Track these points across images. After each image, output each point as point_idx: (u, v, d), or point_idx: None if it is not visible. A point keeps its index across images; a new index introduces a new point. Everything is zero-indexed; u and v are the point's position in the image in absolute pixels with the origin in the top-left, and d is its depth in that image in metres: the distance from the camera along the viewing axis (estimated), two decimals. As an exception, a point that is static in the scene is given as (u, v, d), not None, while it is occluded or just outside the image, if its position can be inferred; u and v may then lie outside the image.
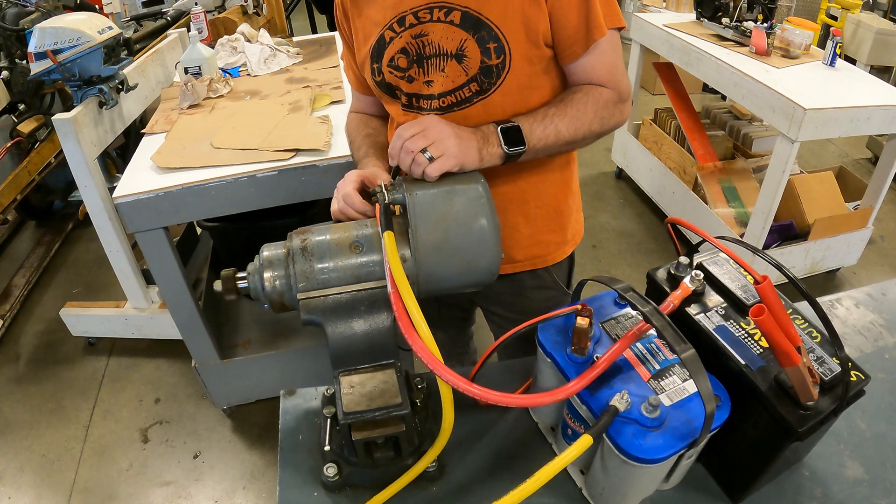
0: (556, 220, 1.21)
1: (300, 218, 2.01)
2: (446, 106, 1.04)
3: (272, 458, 2.10)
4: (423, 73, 1.03)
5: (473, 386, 0.65)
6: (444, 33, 0.99)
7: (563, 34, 0.99)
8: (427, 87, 1.04)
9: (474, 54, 0.98)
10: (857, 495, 0.83)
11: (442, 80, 1.02)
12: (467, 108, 1.03)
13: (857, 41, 4.08)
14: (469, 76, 1.00)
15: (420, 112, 1.07)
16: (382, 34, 1.03)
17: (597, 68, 1.02)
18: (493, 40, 0.97)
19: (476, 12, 0.96)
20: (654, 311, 0.70)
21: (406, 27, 1.01)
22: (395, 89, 1.07)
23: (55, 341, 2.62)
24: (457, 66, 1.00)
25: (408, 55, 1.02)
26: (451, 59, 1.00)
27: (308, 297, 0.76)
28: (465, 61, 0.99)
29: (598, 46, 1.00)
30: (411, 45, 1.01)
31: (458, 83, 1.01)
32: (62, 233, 3.17)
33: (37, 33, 1.76)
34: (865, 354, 1.06)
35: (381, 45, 1.04)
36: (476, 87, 1.01)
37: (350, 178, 0.94)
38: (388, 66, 1.05)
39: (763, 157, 2.93)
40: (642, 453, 0.69)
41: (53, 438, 2.21)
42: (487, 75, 1.00)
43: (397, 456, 0.82)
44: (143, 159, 1.67)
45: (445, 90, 1.03)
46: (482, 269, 0.79)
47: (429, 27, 0.99)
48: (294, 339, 2.14)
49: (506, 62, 0.99)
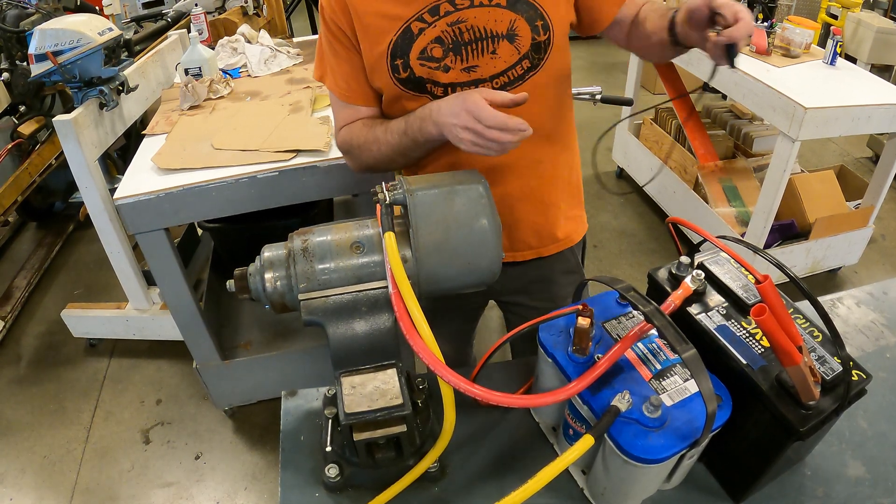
0: (578, 194, 1.29)
1: (301, 219, 2.01)
2: (499, 87, 1.05)
3: (273, 458, 2.10)
4: (462, 59, 1.03)
5: (475, 386, 0.65)
6: (490, 16, 1.00)
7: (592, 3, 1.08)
8: (468, 73, 1.04)
9: (525, 32, 1.02)
10: (858, 495, 0.83)
11: (493, 62, 1.03)
12: (519, 86, 1.06)
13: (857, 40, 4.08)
14: (521, 54, 1.04)
15: None
16: (408, 27, 1.01)
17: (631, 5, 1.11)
18: (539, 18, 1.02)
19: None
20: (655, 311, 0.70)
21: (441, 15, 1.00)
22: (428, 82, 1.05)
23: (56, 343, 2.62)
24: (509, 45, 1.02)
25: (443, 44, 1.01)
26: (502, 40, 1.02)
27: (309, 297, 0.76)
28: (518, 40, 1.02)
29: None
30: (447, 34, 1.01)
31: (511, 62, 1.04)
32: (63, 234, 3.17)
33: (37, 35, 1.77)
34: (867, 354, 1.06)
35: (408, 39, 1.02)
36: (528, 63, 1.05)
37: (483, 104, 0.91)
38: (418, 58, 1.03)
39: (764, 156, 2.93)
40: (644, 453, 0.69)
41: (55, 440, 2.21)
42: (537, 51, 1.04)
43: (399, 456, 0.82)
44: (144, 160, 1.67)
45: (498, 71, 1.04)
46: (483, 269, 0.79)
47: (467, 13, 1.00)
48: (295, 339, 2.14)
49: (550, 38, 1.04)
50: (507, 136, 0.90)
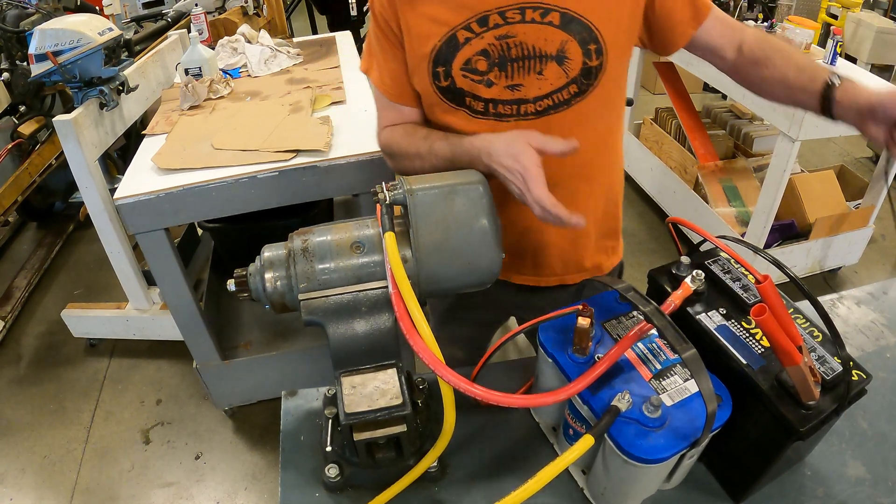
0: (614, 224, 1.22)
1: (301, 219, 2.01)
2: (542, 110, 0.99)
3: (274, 458, 2.11)
4: (507, 76, 0.97)
5: (475, 386, 0.65)
6: (541, 34, 0.94)
7: (667, 23, 0.99)
8: (511, 91, 0.98)
9: (576, 55, 0.95)
10: (859, 494, 0.83)
11: (539, 83, 0.97)
12: (564, 111, 1.00)
13: (857, 40, 4.08)
14: (569, 78, 0.97)
15: (499, 120, 1.01)
16: (454, 35, 0.95)
17: (730, 26, 1.02)
18: (594, 41, 0.95)
19: (576, 13, 0.93)
20: (655, 311, 0.70)
21: (489, 27, 0.94)
22: (468, 95, 1.00)
23: (56, 343, 2.62)
24: (557, 67, 0.96)
25: (489, 57, 0.96)
26: (550, 62, 0.95)
27: (309, 297, 0.76)
28: (567, 63, 0.96)
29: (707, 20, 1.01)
30: (494, 47, 0.95)
31: (558, 85, 0.97)
32: (63, 234, 3.17)
33: (37, 35, 1.77)
34: (867, 353, 1.06)
35: (452, 47, 0.96)
36: (575, 88, 0.98)
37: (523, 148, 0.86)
38: (461, 69, 0.97)
39: (764, 156, 2.93)
40: (644, 453, 0.69)
41: (55, 440, 2.21)
42: (587, 76, 0.97)
43: (399, 456, 0.82)
44: (144, 160, 1.67)
45: (542, 93, 0.98)
46: (483, 269, 0.79)
47: (518, 28, 0.94)
48: (295, 339, 2.14)
49: (603, 63, 0.97)
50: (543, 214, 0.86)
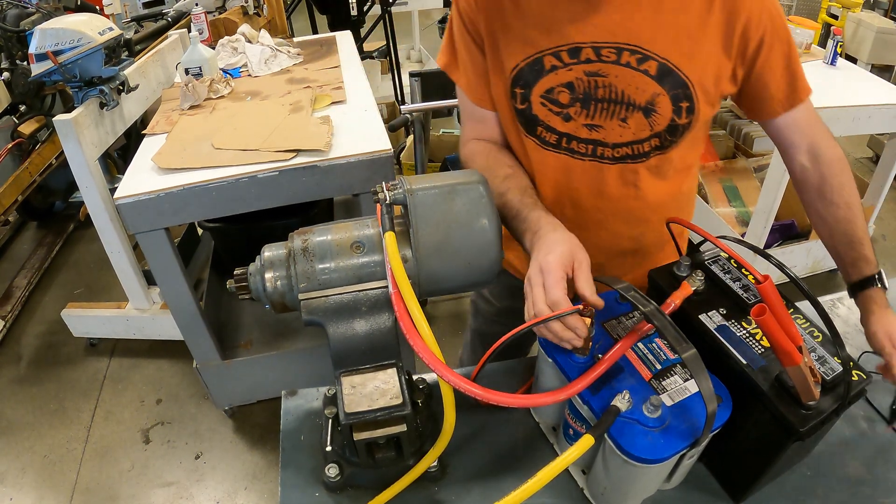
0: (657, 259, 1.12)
1: (301, 218, 2.01)
2: (619, 157, 0.95)
3: (274, 458, 2.10)
4: (588, 115, 0.92)
5: (475, 386, 0.65)
6: (633, 81, 0.88)
7: (763, 93, 0.93)
8: (589, 131, 0.93)
9: (665, 111, 0.90)
10: (858, 495, 0.83)
11: (620, 131, 0.92)
12: (641, 163, 0.95)
13: (857, 40, 4.08)
14: (654, 132, 0.92)
15: (572, 156, 0.96)
16: (541, 59, 0.90)
17: (812, 125, 0.97)
18: (687, 99, 0.89)
19: (675, 66, 0.87)
20: (655, 311, 0.70)
21: (580, 61, 0.89)
22: (541, 125, 0.95)
23: (57, 342, 2.62)
24: (643, 119, 0.91)
25: (573, 91, 0.91)
26: (637, 111, 0.90)
27: (309, 297, 0.76)
28: (654, 116, 0.90)
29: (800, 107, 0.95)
30: (581, 82, 0.90)
31: (640, 137, 0.93)
32: (63, 234, 3.17)
33: (38, 34, 1.77)
34: (867, 354, 1.06)
35: (536, 71, 0.91)
36: (657, 142, 0.93)
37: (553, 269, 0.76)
38: (541, 97, 0.93)
39: (764, 156, 2.93)
40: (644, 453, 0.69)
41: (55, 439, 2.21)
42: (672, 133, 0.92)
43: (399, 456, 0.82)
44: (144, 160, 1.67)
45: (623, 141, 0.93)
46: (483, 269, 0.79)
47: (611, 69, 0.88)
48: (295, 339, 2.14)
49: (692, 122, 0.91)
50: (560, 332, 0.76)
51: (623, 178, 0.97)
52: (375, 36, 3.83)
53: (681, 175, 1.02)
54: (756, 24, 0.87)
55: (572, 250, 0.78)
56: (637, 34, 0.86)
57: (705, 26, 0.86)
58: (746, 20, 0.86)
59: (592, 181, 0.98)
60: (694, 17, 0.86)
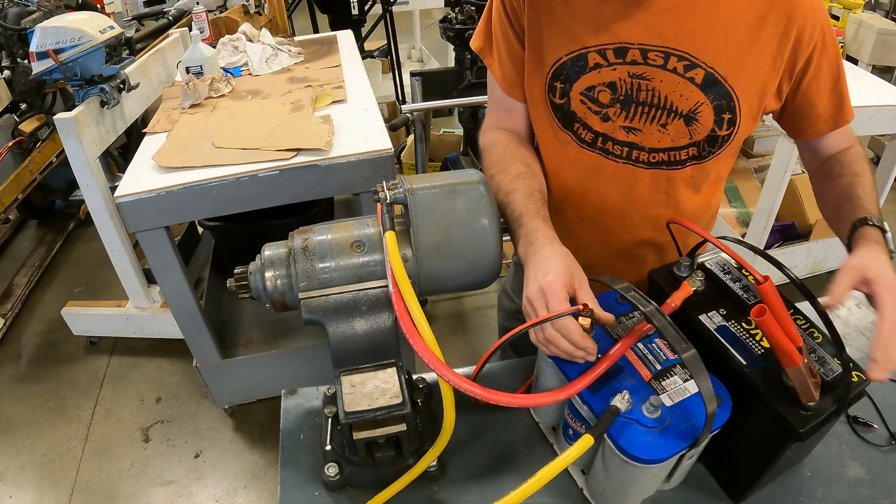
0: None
1: (301, 217, 2.01)
2: (655, 162, 0.93)
3: (273, 457, 2.11)
4: (627, 117, 0.90)
5: (475, 386, 0.65)
6: (677, 88, 0.86)
7: (809, 111, 0.91)
8: (626, 133, 0.92)
9: (707, 121, 0.88)
10: (858, 496, 0.83)
11: (658, 136, 0.91)
12: (676, 171, 0.94)
13: (858, 41, 4.08)
14: (692, 140, 0.90)
15: (606, 156, 0.95)
16: (585, 55, 0.89)
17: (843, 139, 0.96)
18: (730, 111, 0.87)
19: (722, 77, 0.85)
20: (655, 312, 0.70)
21: (626, 62, 0.87)
22: (578, 122, 0.94)
23: (57, 340, 2.62)
24: (683, 127, 0.89)
25: (614, 91, 0.89)
26: (678, 119, 0.89)
27: (309, 296, 0.76)
28: (695, 125, 0.89)
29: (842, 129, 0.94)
30: (624, 83, 0.88)
31: (679, 144, 0.91)
32: (63, 232, 3.18)
33: (38, 33, 1.77)
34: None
35: (579, 68, 0.90)
36: (695, 151, 0.92)
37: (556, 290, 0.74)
38: (581, 94, 0.91)
39: (765, 156, 2.93)
40: (643, 453, 0.69)
41: (55, 437, 2.21)
42: (711, 144, 0.91)
43: (398, 455, 0.82)
44: (145, 159, 1.67)
45: (661, 147, 0.92)
46: (484, 269, 0.79)
47: (655, 72, 0.86)
48: (295, 338, 2.14)
49: (732, 134, 0.90)
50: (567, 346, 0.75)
51: (655, 185, 0.96)
52: (376, 35, 3.83)
53: (712, 187, 1.01)
54: (808, 41, 0.84)
55: (570, 269, 0.77)
56: (687, 40, 0.84)
57: (757, 39, 0.84)
58: (798, 35, 0.84)
59: (623, 184, 0.98)
60: (747, 27, 0.83)
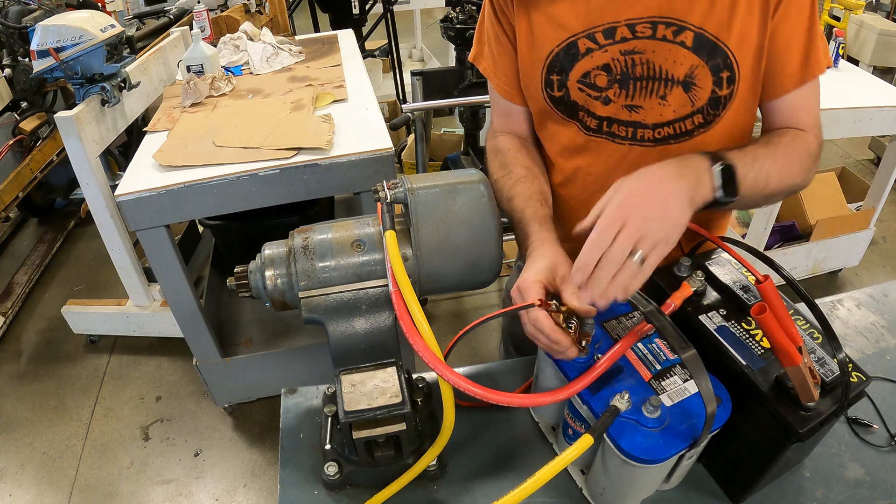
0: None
1: (302, 216, 2.01)
2: (661, 138, 0.91)
3: (273, 456, 2.11)
4: (627, 95, 0.89)
5: (475, 385, 0.65)
6: (669, 55, 0.85)
7: (775, 61, 0.86)
8: (630, 112, 0.90)
9: (705, 83, 0.86)
10: (857, 497, 0.83)
11: (660, 109, 0.89)
12: (685, 142, 0.91)
13: (859, 42, 4.08)
14: (695, 107, 0.88)
15: (613, 140, 0.93)
16: (575, 42, 0.88)
17: (801, 111, 0.89)
18: (727, 68, 0.84)
19: (712, 35, 0.83)
20: (655, 312, 0.70)
21: (616, 41, 0.86)
22: (582, 109, 0.93)
23: (57, 339, 2.62)
24: (683, 94, 0.87)
25: (610, 73, 0.88)
26: (676, 86, 0.87)
27: (309, 295, 0.76)
28: (694, 91, 0.86)
29: (808, 86, 0.87)
30: (617, 63, 0.87)
31: (681, 114, 0.89)
32: (64, 231, 3.18)
33: (39, 31, 1.77)
34: (867, 356, 1.06)
35: (572, 56, 0.89)
36: (700, 119, 0.89)
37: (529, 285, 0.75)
38: (578, 81, 0.90)
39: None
40: (643, 453, 0.69)
41: (55, 436, 2.22)
42: (714, 107, 0.88)
43: (398, 455, 0.82)
44: (146, 157, 1.67)
45: (664, 121, 0.90)
46: (484, 268, 0.79)
47: (647, 44, 0.85)
48: (295, 337, 2.14)
49: (734, 92, 0.87)
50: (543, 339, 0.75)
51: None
52: (377, 34, 3.83)
53: None
54: None
55: (553, 265, 0.77)
56: (670, 6, 0.83)
57: None
58: None
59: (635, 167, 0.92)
60: None
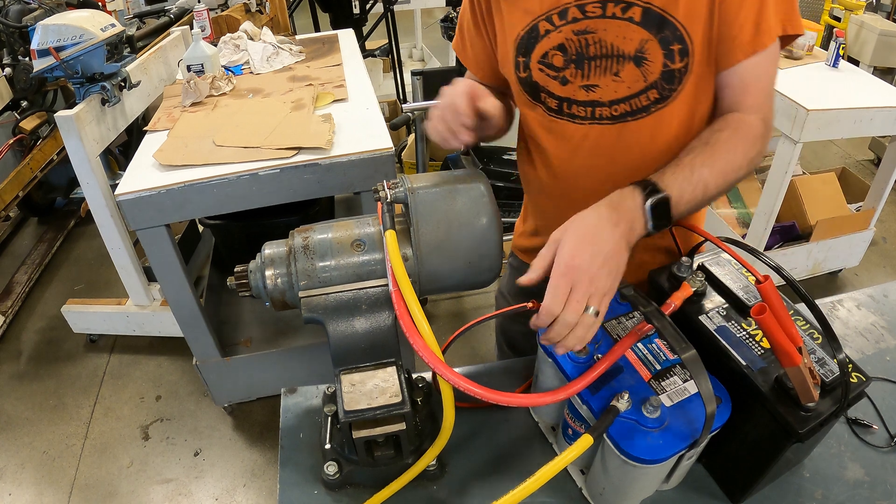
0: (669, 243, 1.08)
1: (302, 216, 2.01)
2: (618, 115, 0.92)
3: (273, 455, 2.11)
4: (583, 75, 0.91)
5: (475, 385, 0.65)
6: (620, 31, 0.86)
7: (725, 31, 0.83)
8: (587, 91, 0.92)
9: (656, 57, 0.86)
10: (857, 497, 0.83)
11: (615, 86, 0.90)
12: (642, 119, 0.91)
13: (860, 42, 4.08)
14: (648, 82, 0.88)
15: (573, 121, 0.95)
16: (536, 25, 0.91)
17: (751, 85, 0.87)
18: (678, 41, 0.84)
19: (660, 9, 0.83)
20: (655, 312, 0.70)
21: (568, 21, 0.88)
22: (542, 91, 0.95)
23: (57, 338, 2.62)
24: (635, 69, 0.87)
25: (565, 53, 0.90)
26: (627, 62, 0.87)
27: (309, 295, 0.76)
28: (646, 66, 0.86)
29: (761, 56, 0.83)
30: (571, 42, 0.89)
31: (636, 90, 0.89)
32: (64, 230, 3.18)
33: (40, 30, 1.77)
34: (866, 356, 1.06)
35: (533, 38, 0.92)
36: (655, 94, 0.89)
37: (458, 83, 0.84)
38: (538, 62, 0.93)
39: (765, 157, 2.93)
40: (643, 454, 0.69)
41: (54, 435, 2.22)
42: (669, 81, 0.87)
43: (398, 454, 0.82)
44: (146, 157, 1.67)
45: (619, 97, 0.90)
46: (484, 268, 0.79)
47: (598, 23, 0.87)
48: (295, 337, 2.14)
49: (689, 65, 0.86)
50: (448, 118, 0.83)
51: (625, 140, 0.93)
52: (377, 34, 3.83)
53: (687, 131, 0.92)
54: None
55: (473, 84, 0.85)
56: None
57: None
58: None
59: (596, 146, 0.96)
60: None
